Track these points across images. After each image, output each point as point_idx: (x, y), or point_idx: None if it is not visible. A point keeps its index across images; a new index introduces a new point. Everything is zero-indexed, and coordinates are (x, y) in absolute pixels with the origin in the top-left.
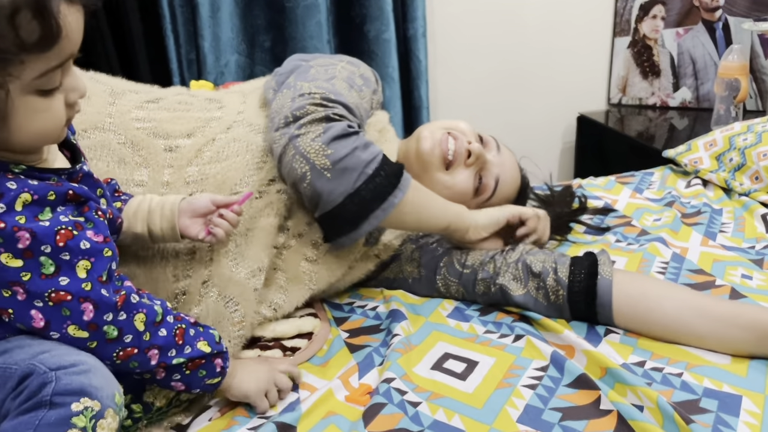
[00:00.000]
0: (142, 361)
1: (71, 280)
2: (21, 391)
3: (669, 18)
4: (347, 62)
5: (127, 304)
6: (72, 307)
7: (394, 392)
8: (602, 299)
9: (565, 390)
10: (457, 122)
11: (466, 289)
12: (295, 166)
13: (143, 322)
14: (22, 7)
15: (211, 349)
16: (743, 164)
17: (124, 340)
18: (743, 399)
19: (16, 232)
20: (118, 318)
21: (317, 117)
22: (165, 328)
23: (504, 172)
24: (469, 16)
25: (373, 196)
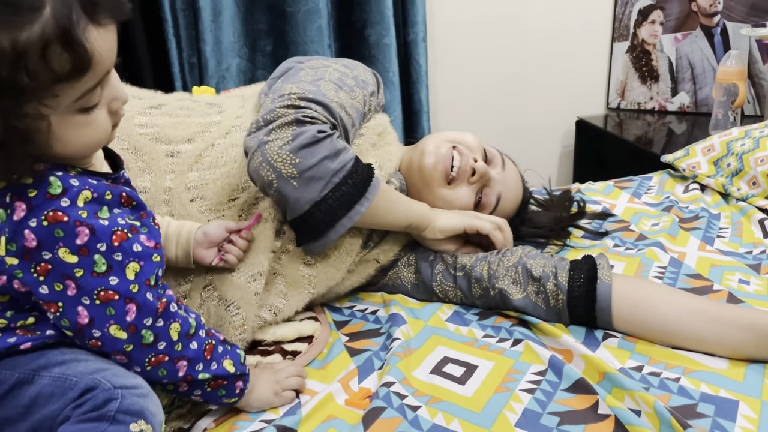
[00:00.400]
0: (171, 371)
1: (120, 280)
2: (84, 402)
3: (667, 23)
4: (342, 65)
5: (167, 311)
6: (117, 307)
7: (393, 396)
8: (601, 303)
9: (563, 394)
10: (464, 135)
11: (463, 293)
12: (262, 173)
13: (177, 332)
14: (51, 42)
15: (236, 369)
16: (741, 169)
17: (158, 347)
18: (740, 404)
19: (77, 227)
20: (156, 324)
21: (286, 121)
22: (197, 342)
23: (506, 190)
24: (469, 21)
25: (340, 205)
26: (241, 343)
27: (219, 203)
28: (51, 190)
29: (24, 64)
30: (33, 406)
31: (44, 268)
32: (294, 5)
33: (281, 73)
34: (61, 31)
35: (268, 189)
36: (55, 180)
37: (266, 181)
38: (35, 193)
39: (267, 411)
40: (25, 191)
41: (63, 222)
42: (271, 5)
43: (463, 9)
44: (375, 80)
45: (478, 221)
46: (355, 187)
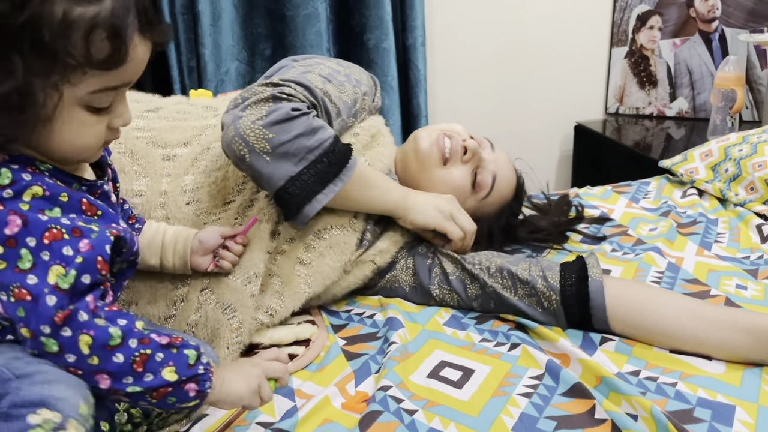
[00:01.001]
0: (92, 382)
1: (39, 281)
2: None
3: (666, 29)
4: (336, 63)
5: (72, 322)
6: (28, 309)
7: (390, 400)
8: (595, 301)
9: (560, 399)
10: (452, 124)
11: (459, 295)
12: (234, 147)
13: (89, 345)
14: (98, 26)
15: (179, 376)
16: (739, 175)
17: (66, 359)
18: (737, 409)
19: (9, 215)
20: (61, 333)
21: (262, 97)
22: (122, 354)
23: (500, 170)
24: (467, 25)
25: (315, 181)
26: (237, 345)
27: (215, 206)
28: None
29: (68, 34)
30: None
31: None
32: (293, 9)
33: (275, 70)
34: (112, 22)
35: (241, 163)
36: (6, 171)
37: (239, 155)
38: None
39: (263, 414)
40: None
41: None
42: (270, 9)
43: (462, 14)
44: (371, 82)
45: (449, 225)
46: (330, 165)
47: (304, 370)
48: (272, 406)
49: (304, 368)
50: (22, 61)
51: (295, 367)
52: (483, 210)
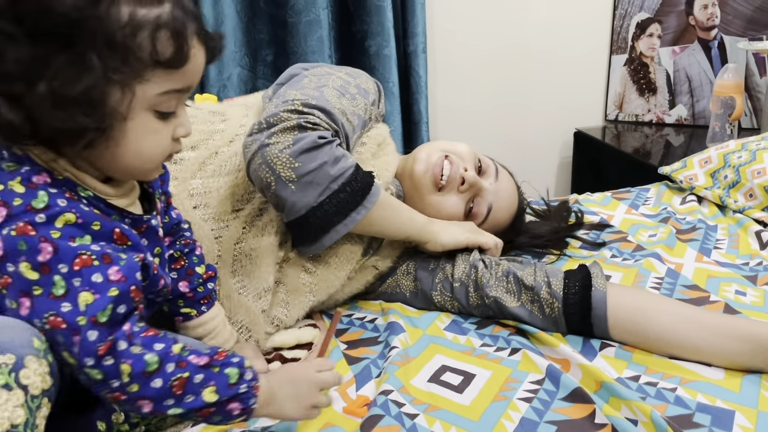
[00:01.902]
0: (134, 407)
1: (72, 308)
2: None
3: (665, 36)
4: (345, 73)
5: (113, 352)
6: (65, 336)
7: (391, 404)
8: (597, 311)
9: (560, 403)
10: (457, 145)
11: (461, 303)
12: (261, 174)
13: (128, 374)
14: (162, 27)
15: (219, 396)
16: (738, 181)
17: (111, 384)
18: (736, 414)
19: (41, 242)
20: (103, 363)
21: (288, 126)
22: (160, 379)
23: (498, 201)
24: (468, 32)
25: (336, 211)
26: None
27: (223, 212)
28: (34, 203)
29: (135, 33)
30: None
31: (5, 281)
32: (295, 16)
33: (286, 79)
34: (173, 23)
35: (266, 191)
36: (43, 194)
37: (265, 182)
38: (19, 203)
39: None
40: (11, 198)
41: (29, 236)
42: (272, 16)
43: (463, 21)
44: (376, 89)
45: (482, 238)
46: (352, 194)
47: None
48: None
49: None
50: (98, 58)
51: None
52: None
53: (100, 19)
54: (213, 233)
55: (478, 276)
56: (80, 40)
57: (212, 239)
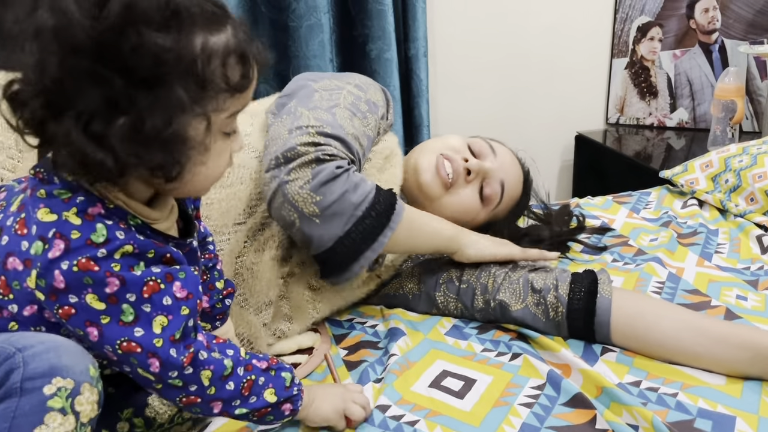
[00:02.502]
0: (205, 409)
1: (145, 332)
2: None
3: (666, 40)
4: (355, 86)
5: (195, 361)
6: (140, 359)
7: (389, 421)
8: (600, 318)
9: (561, 409)
10: (447, 139)
11: (464, 304)
12: (284, 213)
13: (209, 378)
14: (231, 53)
15: (278, 398)
16: (739, 185)
17: (189, 389)
18: (737, 420)
19: (107, 278)
20: (184, 373)
21: (306, 160)
22: (233, 381)
23: (507, 174)
24: (469, 36)
25: (363, 238)
26: None
27: (224, 225)
28: (93, 236)
29: (210, 62)
30: None
31: (67, 311)
32: (296, 20)
33: (292, 90)
34: (239, 46)
35: (291, 229)
36: (101, 227)
37: (288, 221)
38: (78, 236)
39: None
40: (69, 230)
41: (93, 271)
42: (273, 20)
43: (464, 25)
44: (385, 101)
45: (506, 249)
46: (377, 218)
47: (306, 378)
48: None
49: (306, 377)
50: (185, 92)
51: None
52: (495, 215)
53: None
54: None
55: (489, 279)
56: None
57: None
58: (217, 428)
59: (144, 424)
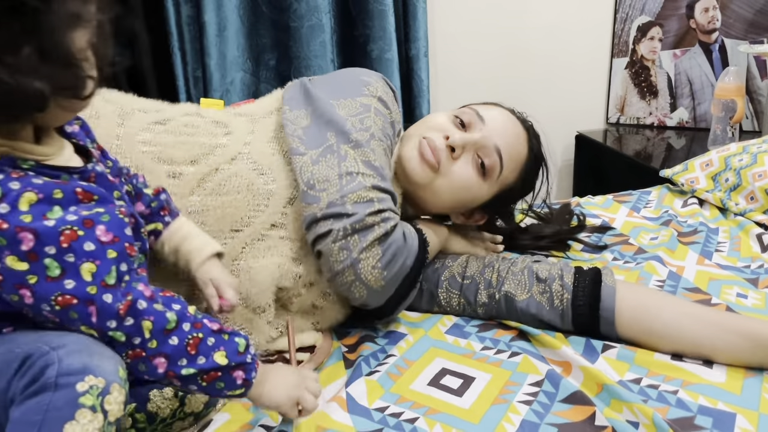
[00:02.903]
0: (149, 367)
1: (77, 283)
2: (25, 372)
3: (666, 39)
4: (378, 100)
5: (133, 310)
6: (79, 311)
7: (389, 418)
8: (605, 303)
9: (560, 406)
10: (428, 120)
11: (467, 300)
12: (353, 290)
13: (150, 330)
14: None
15: (229, 361)
16: (739, 184)
17: (132, 341)
18: (737, 416)
19: (18, 233)
20: (124, 324)
21: (376, 237)
22: (177, 336)
23: (501, 138)
24: (469, 36)
25: (410, 284)
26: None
27: (220, 230)
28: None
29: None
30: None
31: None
32: (298, 21)
33: (298, 95)
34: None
35: (355, 299)
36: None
37: (356, 295)
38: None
39: (267, 416)
40: None
41: (2, 230)
42: (275, 20)
43: (465, 25)
44: (394, 100)
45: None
46: (418, 267)
47: None
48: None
49: None
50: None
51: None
52: (505, 184)
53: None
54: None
55: (493, 274)
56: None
57: None
58: (218, 428)
59: (146, 419)
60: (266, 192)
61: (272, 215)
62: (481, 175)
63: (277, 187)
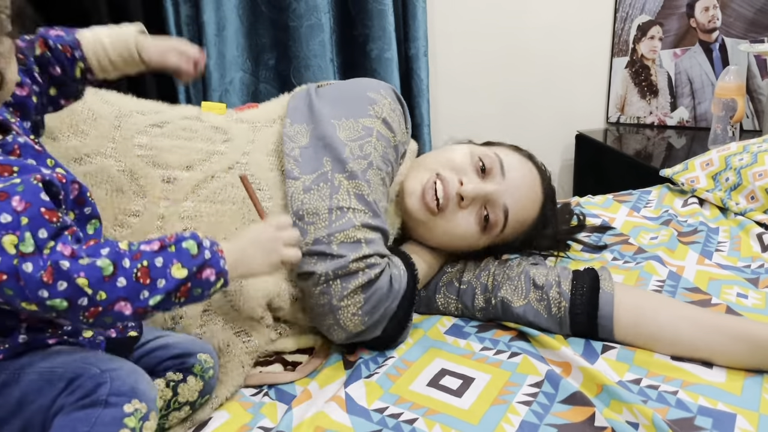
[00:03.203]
0: (115, 315)
1: (2, 258)
2: (74, 389)
3: (666, 39)
4: (382, 122)
5: (58, 274)
6: (12, 286)
7: (388, 419)
8: (604, 311)
9: (559, 407)
10: (450, 153)
11: (465, 304)
12: (333, 333)
13: (88, 285)
14: None
15: (188, 269)
16: (739, 184)
17: (80, 304)
18: (737, 417)
19: None
20: (58, 289)
21: (359, 284)
22: (122, 276)
23: (514, 198)
24: (469, 36)
25: (400, 321)
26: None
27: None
28: None
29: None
30: (23, 403)
31: None
32: (297, 20)
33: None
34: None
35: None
36: None
37: (336, 337)
38: None
39: (266, 418)
40: None
41: None
42: (274, 20)
43: (464, 24)
44: (401, 118)
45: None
46: (408, 307)
47: (307, 377)
48: (275, 411)
49: (307, 376)
50: None
51: (298, 375)
52: (504, 239)
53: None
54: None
55: (489, 278)
56: None
57: None
58: (216, 428)
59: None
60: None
61: None
62: (481, 229)
63: (272, 206)
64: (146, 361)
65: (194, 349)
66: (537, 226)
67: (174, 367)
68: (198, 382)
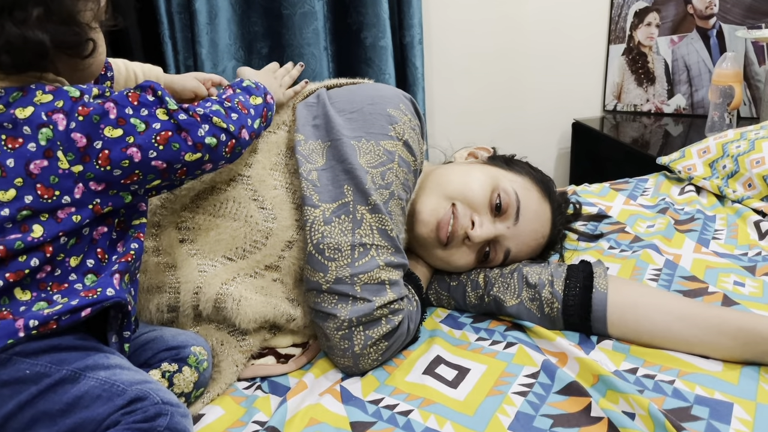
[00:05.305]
0: (243, 144)
1: (161, 122)
2: (134, 410)
3: (663, 25)
4: (404, 145)
5: (202, 117)
6: (176, 140)
7: (383, 410)
8: (597, 313)
9: (555, 397)
10: (470, 178)
11: (457, 301)
12: (344, 368)
13: (221, 121)
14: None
15: (261, 97)
16: (736, 171)
17: (222, 140)
18: (734, 406)
19: (103, 105)
20: (206, 130)
21: (385, 332)
22: (233, 112)
23: (517, 244)
24: (465, 23)
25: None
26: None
27: (211, 252)
28: (72, 94)
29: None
30: (76, 405)
31: (105, 155)
32: (290, 8)
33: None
34: None
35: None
36: (69, 88)
37: (344, 370)
38: (62, 102)
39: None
40: (52, 105)
41: (91, 112)
42: (267, 8)
43: (460, 11)
44: (420, 135)
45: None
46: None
47: (301, 370)
48: (268, 405)
49: (301, 368)
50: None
51: (292, 367)
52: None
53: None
54: (198, 267)
55: (479, 275)
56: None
57: (196, 273)
58: (210, 423)
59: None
60: (265, 230)
61: (268, 256)
62: (478, 261)
63: (276, 227)
64: (141, 352)
65: (188, 341)
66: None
67: (169, 357)
68: (193, 373)
